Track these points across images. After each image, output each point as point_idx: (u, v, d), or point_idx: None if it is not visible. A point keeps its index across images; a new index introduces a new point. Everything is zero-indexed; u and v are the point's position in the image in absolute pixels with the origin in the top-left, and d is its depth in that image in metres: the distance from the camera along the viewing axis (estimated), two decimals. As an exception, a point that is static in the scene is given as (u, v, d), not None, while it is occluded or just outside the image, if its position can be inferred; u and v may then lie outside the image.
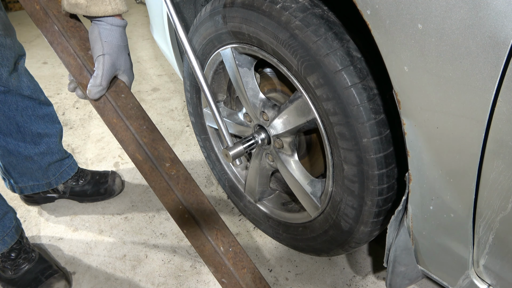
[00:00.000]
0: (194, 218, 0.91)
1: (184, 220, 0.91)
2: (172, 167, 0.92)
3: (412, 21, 0.53)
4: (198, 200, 0.93)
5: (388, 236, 0.79)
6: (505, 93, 0.49)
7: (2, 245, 1.11)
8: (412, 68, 0.56)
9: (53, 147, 1.31)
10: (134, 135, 0.90)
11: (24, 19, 3.67)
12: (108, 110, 0.91)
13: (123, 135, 0.91)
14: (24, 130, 1.22)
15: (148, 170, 0.91)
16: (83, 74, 0.91)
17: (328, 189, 0.90)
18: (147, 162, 0.91)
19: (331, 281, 1.13)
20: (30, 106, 1.21)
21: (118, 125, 0.91)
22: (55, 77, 2.48)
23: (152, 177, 0.91)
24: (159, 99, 2.14)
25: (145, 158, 0.91)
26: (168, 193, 0.91)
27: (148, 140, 0.91)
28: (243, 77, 1.00)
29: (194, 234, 0.91)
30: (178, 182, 0.92)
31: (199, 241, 0.91)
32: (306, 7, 0.75)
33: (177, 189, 0.91)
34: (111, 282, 1.16)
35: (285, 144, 1.00)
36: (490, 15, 0.46)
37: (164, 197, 0.91)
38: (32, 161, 1.27)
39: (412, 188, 0.69)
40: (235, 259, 0.92)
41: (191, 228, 0.91)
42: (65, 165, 1.39)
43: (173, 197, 0.91)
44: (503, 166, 0.53)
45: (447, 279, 0.75)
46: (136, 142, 0.91)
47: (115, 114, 0.90)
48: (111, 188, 1.46)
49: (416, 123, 0.61)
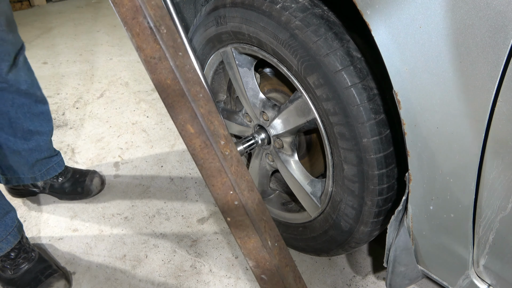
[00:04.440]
0: (245, 207, 0.81)
1: (231, 207, 0.81)
2: (226, 146, 0.80)
3: (412, 21, 0.53)
4: (249, 187, 0.82)
5: (388, 236, 0.79)
6: (505, 93, 0.49)
7: (6, 244, 1.11)
8: (412, 68, 0.56)
9: (43, 145, 1.32)
10: (191, 103, 0.76)
11: (24, 19, 3.67)
12: (163, 68, 0.74)
13: (176, 100, 0.76)
14: (16, 126, 1.22)
15: (199, 146, 0.78)
16: None
17: (328, 189, 0.90)
18: (199, 136, 0.77)
19: (331, 281, 1.13)
20: (27, 103, 1.21)
21: (172, 88, 0.75)
22: (55, 77, 2.48)
23: (203, 155, 0.78)
24: (159, 99, 2.14)
25: (199, 131, 0.77)
26: (219, 175, 0.79)
27: (205, 111, 0.77)
28: (243, 77, 1.00)
29: (240, 224, 0.82)
30: (232, 164, 0.80)
31: (244, 232, 0.82)
32: (306, 7, 0.75)
33: (230, 171, 0.80)
34: (111, 282, 1.16)
35: (285, 144, 1.00)
36: (490, 15, 0.46)
37: (213, 179, 0.80)
38: (19, 156, 1.28)
39: (412, 188, 0.69)
40: (280, 255, 0.84)
41: (239, 217, 0.81)
42: (53, 162, 1.40)
43: (224, 180, 0.80)
44: (503, 166, 0.53)
45: (447, 279, 0.75)
46: (192, 111, 0.76)
47: (172, 74, 0.74)
48: (88, 188, 1.45)
49: (416, 123, 0.61)
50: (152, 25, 0.71)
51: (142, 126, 1.90)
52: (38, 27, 3.43)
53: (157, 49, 0.73)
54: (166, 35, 0.73)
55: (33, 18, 3.70)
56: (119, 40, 3.03)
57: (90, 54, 2.80)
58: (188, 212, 1.39)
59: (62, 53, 2.85)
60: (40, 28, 3.41)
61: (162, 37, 0.72)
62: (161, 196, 1.47)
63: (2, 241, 1.09)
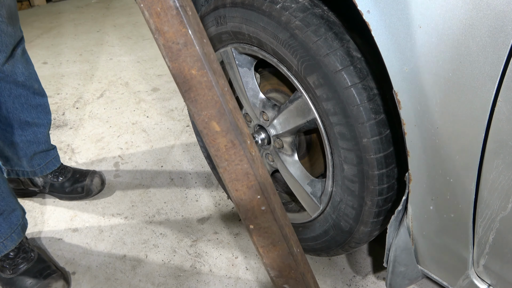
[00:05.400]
0: (273, 212, 0.72)
1: (257, 213, 0.72)
2: (251, 146, 0.70)
3: (412, 21, 0.53)
4: (273, 190, 0.73)
5: (388, 236, 0.79)
6: (505, 93, 0.49)
7: (10, 242, 1.11)
8: (412, 68, 0.56)
9: (40, 137, 1.32)
10: (219, 97, 0.64)
11: (24, 19, 3.67)
12: (188, 56, 0.62)
13: (201, 93, 0.64)
14: (13, 116, 1.23)
15: (225, 146, 0.68)
16: None
17: (328, 189, 0.89)
18: (226, 135, 0.67)
19: (331, 281, 1.13)
20: (24, 94, 1.22)
21: (198, 79, 0.63)
22: (55, 77, 2.48)
23: (228, 156, 0.68)
24: (159, 99, 2.14)
25: (226, 129, 0.66)
26: (246, 178, 0.69)
27: (232, 107, 0.67)
28: (243, 77, 1.00)
29: (265, 231, 0.73)
30: (259, 166, 0.71)
31: (269, 239, 0.73)
32: (306, 7, 0.75)
33: (258, 174, 0.70)
34: (111, 282, 1.16)
35: (285, 144, 1.00)
36: (490, 15, 0.46)
37: (237, 183, 0.70)
38: (18, 148, 1.29)
39: (412, 188, 0.69)
40: (302, 261, 0.77)
41: (265, 223, 0.72)
42: (51, 156, 1.40)
43: (252, 183, 0.69)
44: (503, 166, 0.53)
45: (447, 279, 0.75)
46: (220, 106, 0.65)
47: (198, 63, 0.62)
48: (89, 187, 1.45)
49: (416, 123, 0.61)
50: (178, 5, 0.59)
51: (142, 126, 1.90)
52: (38, 27, 3.43)
53: (183, 33, 0.60)
54: (192, 17, 0.61)
55: (33, 18, 3.70)
56: (119, 40, 3.03)
57: (90, 54, 2.80)
58: (188, 212, 1.39)
59: (62, 53, 2.85)
60: (40, 28, 3.41)
61: (189, 20, 0.60)
62: (161, 196, 1.47)
63: (6, 238, 1.09)
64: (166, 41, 0.61)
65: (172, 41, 0.60)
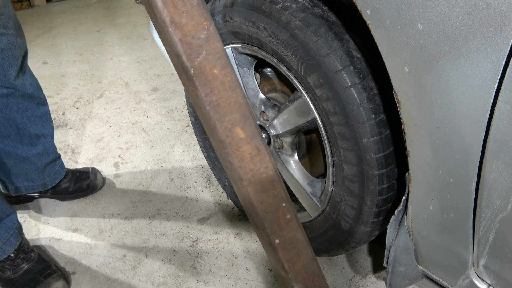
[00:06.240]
0: (297, 218, 0.66)
1: (282, 224, 0.65)
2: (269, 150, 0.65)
3: (412, 21, 0.53)
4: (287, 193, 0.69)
5: (388, 236, 0.79)
6: (505, 93, 0.48)
7: (8, 246, 1.11)
8: (412, 68, 0.56)
9: (49, 148, 1.32)
10: (243, 99, 0.58)
11: (24, 19, 3.67)
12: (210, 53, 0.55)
13: (226, 96, 0.57)
14: (23, 132, 1.22)
15: (250, 154, 0.60)
16: None
17: (328, 189, 0.89)
18: (251, 141, 0.60)
19: (331, 281, 1.13)
20: (30, 107, 1.21)
21: (221, 80, 0.56)
22: (55, 77, 2.48)
23: (253, 165, 0.61)
24: (159, 99, 2.14)
25: (251, 134, 0.60)
26: (272, 187, 0.63)
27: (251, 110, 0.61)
28: (243, 77, 1.00)
29: (291, 241, 0.66)
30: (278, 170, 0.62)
31: (294, 250, 0.66)
32: (306, 7, 0.75)
33: (280, 182, 0.64)
34: (111, 282, 1.16)
35: (285, 144, 1.00)
36: (490, 15, 0.46)
37: (262, 194, 0.62)
38: (29, 163, 1.28)
39: (412, 188, 0.69)
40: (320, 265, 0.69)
41: (290, 232, 0.65)
42: (57, 165, 1.40)
43: (277, 191, 0.63)
44: (503, 166, 0.53)
45: (447, 279, 0.75)
46: (244, 109, 0.58)
47: (221, 61, 0.55)
48: (94, 183, 1.47)
49: (416, 123, 0.61)
50: None
51: (142, 126, 1.90)
52: (38, 27, 3.43)
53: (205, 27, 0.53)
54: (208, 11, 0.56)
55: (33, 18, 3.70)
56: (119, 40, 3.03)
57: (90, 54, 2.80)
58: (188, 212, 1.39)
59: (62, 53, 2.85)
60: (40, 28, 3.42)
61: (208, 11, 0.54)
62: (161, 196, 1.47)
63: (4, 243, 1.09)
64: (184, 35, 0.52)
65: (192, 35, 0.52)
